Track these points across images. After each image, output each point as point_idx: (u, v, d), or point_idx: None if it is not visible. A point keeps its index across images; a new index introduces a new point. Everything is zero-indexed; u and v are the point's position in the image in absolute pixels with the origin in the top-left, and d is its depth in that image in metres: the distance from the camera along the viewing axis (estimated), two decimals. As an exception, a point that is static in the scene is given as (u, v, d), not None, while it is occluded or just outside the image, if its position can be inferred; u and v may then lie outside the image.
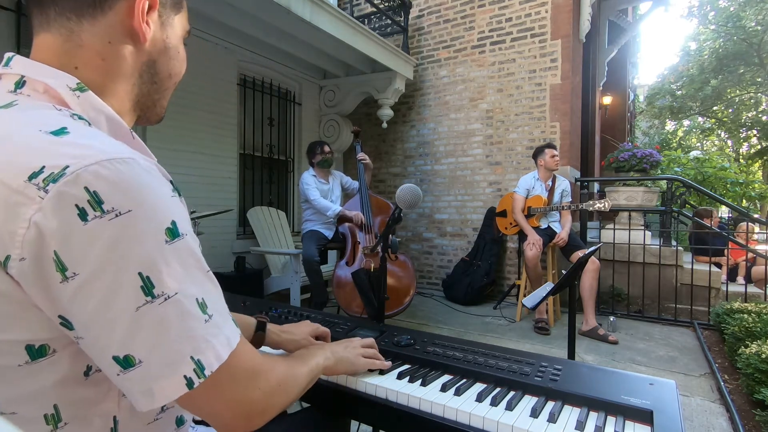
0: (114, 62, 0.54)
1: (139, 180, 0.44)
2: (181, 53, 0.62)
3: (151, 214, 0.44)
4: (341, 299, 3.07)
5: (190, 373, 0.45)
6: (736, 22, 13.89)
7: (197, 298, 0.46)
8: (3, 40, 2.80)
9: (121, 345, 0.42)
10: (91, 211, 0.40)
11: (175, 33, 0.60)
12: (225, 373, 0.48)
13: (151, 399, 0.44)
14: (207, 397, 0.48)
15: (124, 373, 0.43)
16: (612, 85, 7.57)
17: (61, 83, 0.50)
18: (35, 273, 0.40)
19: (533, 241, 3.46)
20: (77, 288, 0.41)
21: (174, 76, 0.62)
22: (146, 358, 0.43)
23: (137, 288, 0.42)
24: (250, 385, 0.52)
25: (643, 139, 18.28)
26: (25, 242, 0.40)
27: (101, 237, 0.41)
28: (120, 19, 0.53)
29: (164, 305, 0.43)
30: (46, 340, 0.44)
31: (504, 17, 4.78)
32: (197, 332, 0.46)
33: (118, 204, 0.41)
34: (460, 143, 5.07)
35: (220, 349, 0.48)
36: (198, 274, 0.48)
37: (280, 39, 4.05)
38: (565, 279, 1.51)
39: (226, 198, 4.17)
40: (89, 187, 0.40)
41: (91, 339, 0.43)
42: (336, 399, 0.82)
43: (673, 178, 4.33)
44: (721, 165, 8.70)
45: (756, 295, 4.00)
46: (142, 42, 0.55)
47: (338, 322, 1.10)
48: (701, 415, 2.14)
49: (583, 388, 0.74)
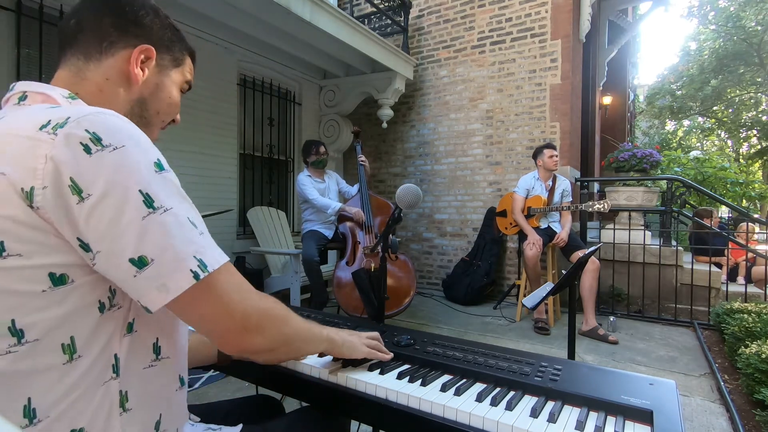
0: (109, 94, 0.66)
1: (126, 125, 0.55)
2: (173, 98, 0.74)
3: (141, 149, 0.54)
4: (341, 299, 3.06)
5: (195, 268, 0.54)
6: (736, 22, 13.89)
7: (188, 216, 0.56)
8: (3, 40, 2.80)
9: (135, 248, 0.51)
10: (93, 146, 0.51)
11: (170, 80, 0.73)
12: (222, 277, 0.57)
13: (166, 292, 0.52)
14: (206, 298, 0.56)
15: (140, 273, 0.51)
16: (612, 85, 7.57)
17: (56, 93, 0.61)
18: (56, 198, 0.49)
19: (533, 241, 3.46)
20: (92, 206, 0.50)
21: (162, 114, 0.73)
22: (157, 257, 0.52)
23: (140, 202, 0.52)
24: (245, 298, 0.60)
25: (643, 139, 18.28)
26: (45, 173, 0.49)
27: (105, 164, 0.50)
28: (119, 64, 0.66)
29: (164, 215, 0.53)
30: (66, 268, 0.52)
31: (504, 17, 4.78)
32: (195, 239, 0.56)
33: (114, 140, 0.52)
34: (460, 143, 5.08)
35: (217, 255, 0.57)
36: (184, 201, 0.57)
37: (280, 39, 4.05)
38: (565, 279, 1.51)
39: (226, 198, 4.17)
40: (89, 129, 0.51)
41: (107, 249, 0.51)
42: (336, 399, 0.82)
43: (673, 178, 4.33)
44: (721, 165, 8.70)
45: (756, 295, 4.00)
46: (134, 84, 0.68)
47: (338, 322, 1.10)
48: (701, 415, 2.14)
49: (583, 388, 0.74)
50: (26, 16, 2.89)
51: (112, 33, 0.66)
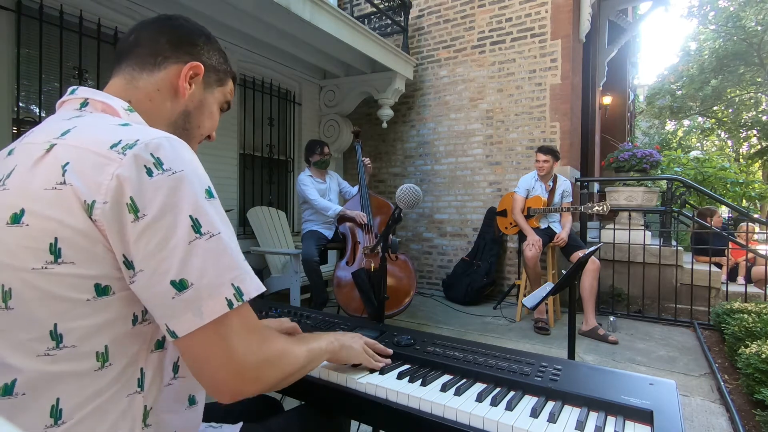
0: (158, 105, 0.71)
1: (186, 152, 0.58)
2: (213, 114, 0.80)
3: (195, 175, 0.57)
4: (341, 299, 3.06)
5: (230, 296, 0.56)
6: (736, 22, 13.89)
7: (232, 243, 0.58)
8: (3, 40, 2.80)
9: (178, 270, 0.53)
10: (155, 170, 0.54)
11: (213, 97, 0.78)
12: (238, 319, 0.57)
13: (200, 316, 0.54)
14: (211, 341, 0.55)
15: (179, 295, 0.53)
16: (612, 85, 7.57)
17: (116, 104, 0.65)
18: (114, 214, 0.52)
19: (532, 242, 3.46)
20: (146, 225, 0.52)
21: (202, 128, 0.79)
22: (197, 281, 0.54)
23: (189, 226, 0.54)
24: (249, 346, 0.59)
25: (643, 139, 18.28)
26: (109, 189, 0.52)
27: (163, 187, 0.53)
28: (169, 77, 0.71)
29: (210, 241, 0.55)
30: (110, 280, 0.54)
31: (504, 17, 4.78)
32: (237, 265, 0.57)
33: (174, 166, 0.55)
34: (460, 143, 5.07)
35: (255, 285, 0.59)
36: (228, 227, 0.59)
37: (280, 39, 4.05)
38: (565, 279, 1.51)
39: (226, 198, 4.17)
40: (154, 153, 0.54)
41: (151, 269, 0.53)
42: (336, 399, 0.82)
43: (673, 178, 4.33)
44: (721, 165, 8.69)
45: (756, 295, 3.99)
46: (181, 96, 0.72)
47: (338, 322, 1.10)
48: (701, 415, 2.14)
49: (583, 388, 0.74)
50: (26, 16, 2.89)
51: (167, 49, 0.71)
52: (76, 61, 3.12)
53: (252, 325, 0.60)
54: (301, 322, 1.10)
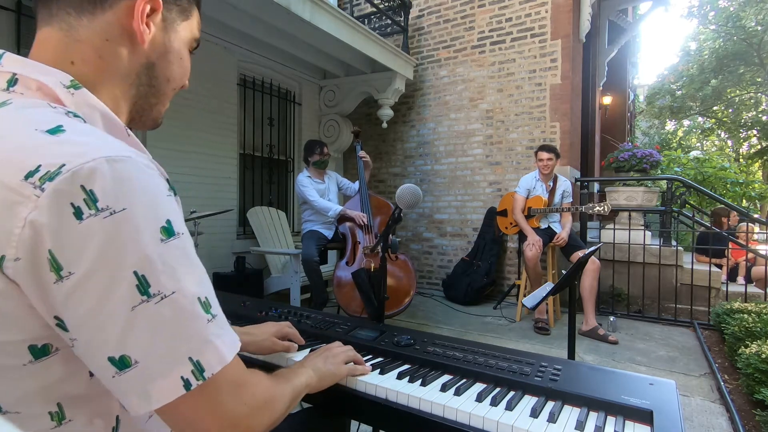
0: (111, 60, 0.54)
1: (135, 178, 0.43)
2: (184, 60, 0.62)
3: (146, 212, 0.43)
4: (341, 299, 3.06)
5: (187, 375, 0.44)
6: (736, 22, 13.88)
7: (199, 297, 0.46)
8: (3, 40, 2.80)
9: (117, 345, 0.41)
10: (86, 210, 0.40)
11: (179, 38, 0.60)
12: (221, 380, 0.48)
13: (148, 401, 0.43)
14: (196, 407, 0.46)
15: (120, 375, 0.42)
16: (612, 85, 7.57)
17: (54, 80, 0.49)
18: (30, 273, 0.40)
19: (532, 242, 3.46)
20: (72, 288, 0.40)
21: (173, 81, 0.61)
22: (142, 359, 0.42)
23: (133, 287, 0.41)
24: (239, 399, 0.50)
25: (643, 139, 18.28)
26: (21, 241, 0.39)
27: (96, 235, 0.40)
28: (118, 19, 0.53)
29: (160, 304, 0.43)
30: (48, 339, 0.44)
31: (504, 17, 4.78)
32: (197, 332, 0.45)
33: (113, 202, 0.41)
34: (460, 143, 5.07)
35: (224, 351, 0.47)
36: (198, 273, 0.47)
37: (280, 39, 4.05)
38: (565, 279, 1.51)
39: (226, 198, 4.17)
40: (85, 185, 0.40)
41: (85, 340, 0.42)
42: (336, 399, 0.82)
43: (673, 178, 4.33)
44: (721, 165, 8.69)
45: (756, 295, 3.99)
46: (140, 43, 0.55)
47: (338, 322, 1.10)
48: (701, 415, 2.14)
49: (583, 388, 0.74)
50: (26, 16, 2.89)
51: None
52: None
53: (240, 377, 0.52)
54: (301, 322, 1.10)
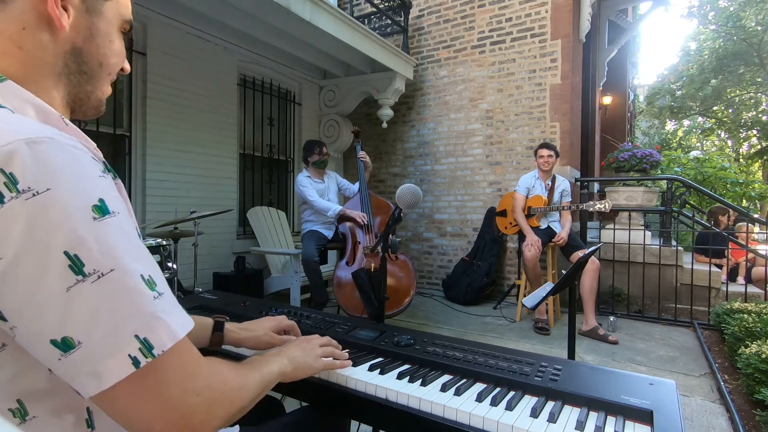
0: (33, 50, 0.50)
1: (58, 158, 0.42)
2: (115, 43, 0.58)
3: (73, 191, 0.42)
4: (341, 299, 3.06)
5: (134, 352, 0.43)
6: (736, 22, 13.88)
7: (142, 274, 0.45)
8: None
9: (57, 327, 0.40)
10: (8, 192, 0.39)
11: (105, 20, 0.56)
12: (169, 362, 0.46)
13: (99, 380, 0.42)
14: (141, 394, 0.45)
15: (65, 357, 0.41)
16: (612, 85, 7.57)
17: None
18: None
19: (532, 242, 3.46)
20: (2, 274, 0.39)
21: (106, 66, 0.58)
22: (85, 339, 0.41)
23: (65, 267, 0.40)
24: (190, 388, 0.48)
25: (643, 139, 18.28)
26: None
27: (19, 217, 0.39)
28: (32, 5, 0.49)
29: (97, 283, 0.41)
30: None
31: (504, 17, 4.78)
32: (142, 309, 0.44)
33: (34, 183, 0.39)
34: (460, 143, 5.08)
35: (175, 328, 0.46)
36: (138, 251, 0.46)
37: (280, 39, 4.05)
38: (565, 279, 1.51)
39: (226, 198, 4.17)
40: (4, 168, 0.39)
41: (25, 325, 0.41)
42: (336, 399, 0.82)
43: (673, 178, 4.33)
44: (721, 165, 8.69)
45: (756, 295, 3.99)
46: (59, 29, 0.51)
47: (338, 322, 1.10)
48: (701, 415, 2.14)
49: (583, 388, 0.74)
50: None
51: None
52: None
53: (190, 364, 0.49)
54: (301, 322, 1.10)
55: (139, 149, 3.50)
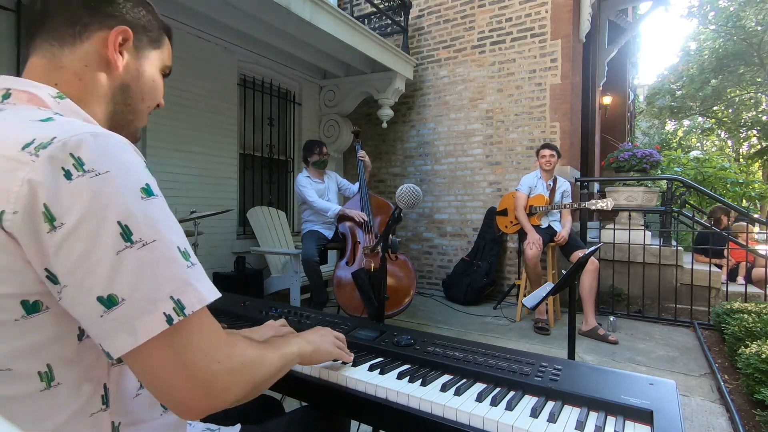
0: (90, 83, 0.62)
1: (114, 148, 0.51)
2: (156, 82, 0.71)
3: (126, 173, 0.50)
4: (341, 299, 3.06)
5: (169, 311, 0.49)
6: (736, 22, 13.88)
7: (179, 246, 0.52)
8: (3, 40, 2.80)
9: (105, 285, 0.46)
10: (75, 172, 0.47)
11: (151, 64, 0.69)
12: (197, 323, 0.51)
13: (134, 336, 0.47)
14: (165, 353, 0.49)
15: (108, 313, 0.47)
16: (612, 85, 7.57)
17: (43, 92, 0.57)
18: (26, 224, 0.45)
19: (533, 241, 3.47)
20: (64, 236, 0.46)
21: (147, 101, 0.70)
22: (129, 296, 0.47)
23: (117, 234, 0.47)
24: (210, 354, 0.52)
25: (643, 139, 18.29)
26: (19, 197, 0.45)
27: (84, 191, 0.46)
28: (96, 48, 0.61)
29: (143, 249, 0.48)
30: (39, 295, 0.48)
31: (504, 17, 4.78)
32: (178, 275, 0.50)
33: (98, 165, 0.48)
34: (460, 143, 5.07)
35: (204, 293, 0.52)
36: (176, 228, 0.53)
37: (280, 39, 4.05)
38: (565, 279, 1.51)
39: (226, 198, 4.17)
40: (73, 153, 0.47)
41: (75, 284, 0.46)
42: (336, 399, 0.82)
43: (673, 178, 4.33)
44: (721, 165, 8.68)
45: (756, 295, 3.99)
46: (115, 69, 0.63)
47: (338, 322, 1.10)
48: (701, 415, 2.14)
49: (583, 388, 0.74)
50: (26, 16, 2.89)
51: (83, 15, 0.60)
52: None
53: (212, 332, 0.54)
54: (301, 322, 1.10)
55: (139, 149, 3.49)
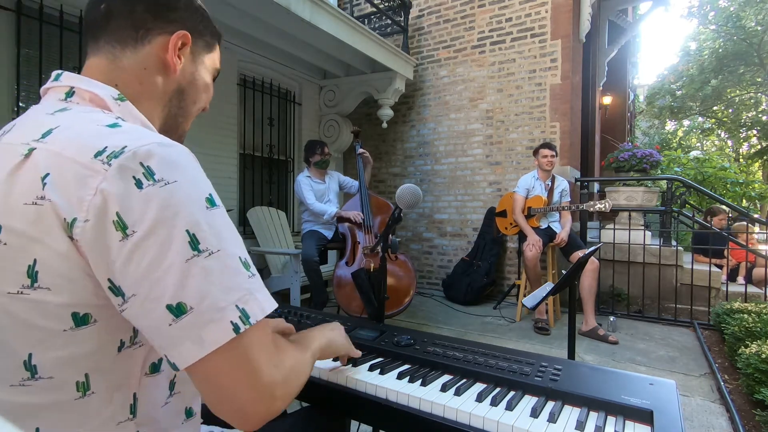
0: (148, 85, 0.64)
1: (182, 159, 0.52)
2: (209, 86, 0.73)
3: (193, 184, 0.51)
4: (341, 299, 3.06)
5: (236, 320, 0.49)
6: (736, 22, 13.88)
7: (240, 256, 0.52)
8: (3, 40, 2.80)
9: (174, 293, 0.47)
10: (145, 181, 0.48)
11: (204, 68, 0.71)
12: (257, 333, 0.52)
13: (201, 345, 0.48)
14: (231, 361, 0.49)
15: (177, 322, 0.47)
16: (612, 85, 7.57)
17: (105, 93, 0.59)
18: (97, 233, 0.46)
19: (533, 242, 3.46)
20: (136, 243, 0.46)
21: (198, 103, 0.72)
22: (197, 305, 0.47)
23: (185, 243, 0.48)
24: (270, 360, 0.53)
25: (643, 139, 18.29)
26: (91, 206, 0.46)
27: (155, 200, 0.47)
28: (156, 52, 0.63)
29: (209, 259, 0.49)
30: (90, 308, 0.49)
31: (504, 17, 4.78)
32: (241, 284, 0.51)
33: (166, 175, 0.49)
34: (460, 143, 5.08)
35: (264, 302, 0.53)
36: (237, 239, 0.54)
37: (280, 39, 4.05)
38: (565, 279, 1.51)
39: (226, 198, 4.17)
40: (143, 162, 0.48)
41: (144, 292, 0.47)
42: (336, 399, 0.82)
43: (673, 178, 4.33)
44: (721, 165, 8.68)
45: (756, 295, 3.99)
46: (173, 72, 0.65)
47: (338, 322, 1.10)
48: (701, 415, 2.14)
49: (583, 388, 0.74)
50: (26, 16, 2.88)
51: (147, 19, 0.62)
52: (77, 61, 3.11)
53: (271, 339, 0.55)
54: (301, 322, 1.10)
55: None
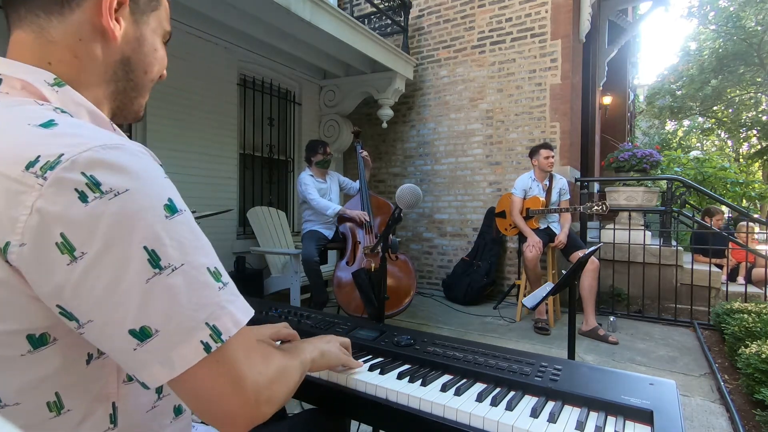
0: (86, 59, 0.54)
1: (131, 162, 0.45)
2: (158, 51, 0.62)
3: (148, 191, 0.45)
4: (341, 299, 3.06)
5: (206, 338, 0.46)
6: (736, 22, 13.89)
7: (208, 267, 0.48)
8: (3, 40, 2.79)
9: (136, 317, 0.43)
10: (91, 194, 0.41)
11: (150, 30, 0.60)
12: (235, 344, 0.49)
13: (171, 368, 0.45)
14: (217, 374, 0.47)
15: (142, 346, 0.43)
16: (612, 85, 7.57)
17: (38, 79, 0.50)
18: (36, 258, 0.41)
19: (532, 244, 3.46)
20: (87, 267, 0.41)
21: (150, 73, 0.62)
22: (162, 327, 0.44)
23: (144, 261, 0.43)
24: (255, 367, 0.51)
25: (643, 139, 18.29)
26: (27, 228, 0.40)
27: (104, 215, 0.41)
28: (88, 17, 0.53)
29: (173, 275, 0.44)
30: (46, 329, 0.45)
31: (504, 17, 4.78)
32: (211, 299, 0.47)
33: (115, 184, 0.42)
34: (460, 143, 5.08)
35: (238, 315, 0.49)
36: (204, 246, 0.49)
37: (280, 39, 4.05)
38: (565, 279, 1.51)
39: (226, 198, 4.17)
40: (86, 171, 0.41)
41: (103, 318, 0.43)
42: (336, 399, 0.82)
43: (673, 178, 4.33)
44: (721, 165, 8.68)
45: (756, 295, 3.99)
46: (112, 39, 0.55)
47: (338, 322, 1.10)
48: (701, 415, 2.14)
49: (583, 388, 0.74)
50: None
51: None
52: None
53: (253, 344, 0.54)
54: (301, 322, 1.10)
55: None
